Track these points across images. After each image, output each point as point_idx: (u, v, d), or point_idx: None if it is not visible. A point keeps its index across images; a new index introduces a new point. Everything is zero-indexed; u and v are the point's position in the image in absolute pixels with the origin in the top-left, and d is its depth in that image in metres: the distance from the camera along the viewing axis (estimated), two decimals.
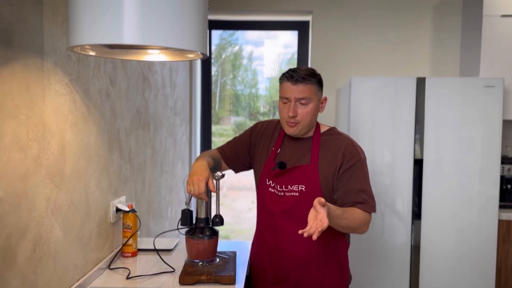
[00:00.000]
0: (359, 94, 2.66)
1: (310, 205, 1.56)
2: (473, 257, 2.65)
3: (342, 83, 3.24)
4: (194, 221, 1.69)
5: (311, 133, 1.70)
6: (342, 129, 2.98)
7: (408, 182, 2.65)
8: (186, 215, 1.67)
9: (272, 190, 1.70)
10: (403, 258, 2.68)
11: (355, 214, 1.56)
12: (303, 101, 1.60)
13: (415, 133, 2.64)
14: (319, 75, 1.65)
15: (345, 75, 3.26)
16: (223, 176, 1.67)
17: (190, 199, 1.68)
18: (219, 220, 1.67)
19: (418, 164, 2.66)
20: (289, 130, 1.66)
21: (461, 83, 2.64)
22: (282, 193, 1.67)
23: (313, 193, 1.61)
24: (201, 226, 1.66)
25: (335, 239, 1.67)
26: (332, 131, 1.71)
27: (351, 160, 1.61)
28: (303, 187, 1.63)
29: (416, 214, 2.69)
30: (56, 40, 1.35)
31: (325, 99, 1.69)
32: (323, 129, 1.71)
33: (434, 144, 2.64)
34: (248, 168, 1.86)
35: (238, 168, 1.86)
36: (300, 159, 1.67)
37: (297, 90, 1.60)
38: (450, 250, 2.66)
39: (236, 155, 1.83)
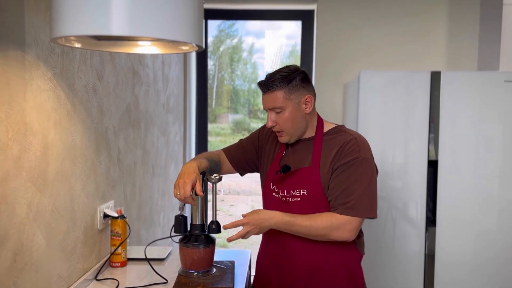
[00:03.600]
0: (369, 89, 2.65)
1: (313, 210, 1.58)
2: (492, 266, 2.65)
3: (350, 77, 3.24)
4: (188, 228, 1.68)
5: (312, 133, 1.70)
6: (349, 127, 2.96)
7: (421, 185, 2.65)
8: (179, 222, 1.67)
9: (276, 196, 1.72)
10: (416, 267, 2.68)
11: (317, 220, 1.56)
12: (277, 110, 1.62)
13: (429, 132, 2.64)
14: (293, 74, 1.61)
15: (353, 69, 3.26)
16: (220, 179, 1.66)
17: (184, 204, 1.68)
18: (216, 227, 1.66)
19: (432, 165, 2.65)
20: (280, 139, 1.70)
21: (479, 78, 2.64)
22: (285, 199, 1.69)
23: (316, 197, 1.62)
24: (196, 234, 1.66)
25: (343, 248, 1.67)
26: (337, 129, 1.70)
27: (347, 156, 1.59)
28: (304, 191, 1.64)
29: (430, 220, 2.69)
30: (39, 31, 1.35)
31: (309, 97, 1.64)
32: (327, 128, 1.71)
33: (450, 144, 2.64)
34: (254, 171, 1.89)
35: (245, 170, 1.89)
36: (301, 162, 1.68)
37: (267, 99, 1.63)
38: (467, 259, 2.66)
39: (244, 156, 1.86)
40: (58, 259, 1.50)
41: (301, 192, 1.65)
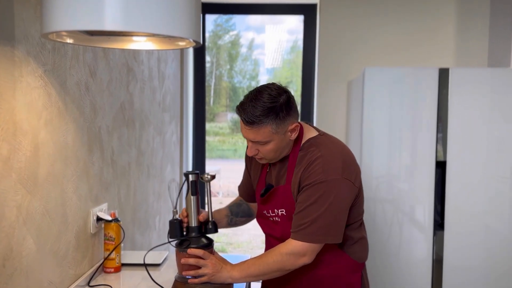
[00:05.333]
0: (374, 87, 2.65)
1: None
2: (504, 273, 2.65)
3: (355, 74, 3.24)
4: (184, 232, 1.69)
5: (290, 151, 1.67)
6: (353, 127, 2.98)
7: (429, 187, 2.65)
8: (174, 226, 1.67)
9: (266, 214, 1.75)
10: (424, 273, 2.68)
11: (267, 256, 1.58)
12: (260, 143, 1.57)
13: (437, 132, 2.64)
14: (278, 103, 1.50)
15: (358, 66, 3.26)
16: (213, 177, 1.68)
17: (176, 204, 1.72)
18: (213, 226, 1.68)
19: (440, 167, 2.65)
20: (258, 161, 1.67)
21: (490, 75, 2.64)
22: (271, 218, 1.72)
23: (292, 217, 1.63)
24: (194, 236, 1.66)
25: (336, 258, 1.68)
26: (310, 142, 1.63)
27: (309, 178, 1.56)
28: (283, 211, 1.66)
29: (438, 223, 2.69)
30: (29, 26, 1.35)
31: (296, 126, 1.58)
32: (305, 139, 1.65)
33: (459, 144, 2.64)
34: None
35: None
36: (280, 179, 1.69)
37: (250, 133, 1.55)
38: (477, 265, 2.66)
39: (250, 187, 1.90)
40: (49, 265, 1.50)
41: (280, 213, 1.67)
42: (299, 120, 1.63)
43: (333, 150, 1.60)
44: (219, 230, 1.75)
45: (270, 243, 1.78)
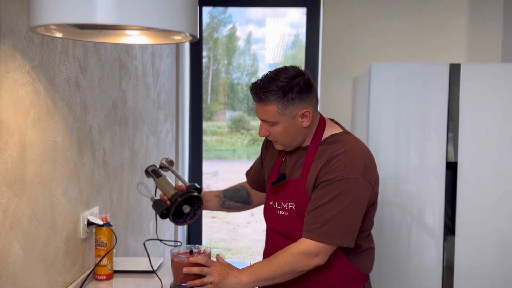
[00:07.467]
0: (380, 83, 2.65)
1: (302, 227, 1.60)
2: None
3: (360, 70, 3.24)
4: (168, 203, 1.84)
5: (309, 142, 1.69)
6: (359, 125, 2.98)
7: (439, 190, 2.65)
8: (157, 202, 1.86)
9: (273, 206, 1.75)
10: (434, 280, 2.68)
11: (277, 257, 1.58)
12: (269, 122, 1.61)
13: (448, 131, 2.64)
14: (291, 84, 1.54)
15: (364, 61, 3.26)
16: (171, 162, 1.90)
17: (155, 194, 1.91)
18: (195, 188, 1.85)
19: (451, 168, 2.66)
20: (275, 146, 1.72)
21: (504, 70, 2.64)
22: (278, 211, 1.72)
23: (303, 213, 1.63)
24: (181, 197, 1.79)
25: (340, 264, 1.68)
26: (333, 138, 1.65)
27: (329, 173, 1.56)
28: (293, 205, 1.66)
29: (449, 228, 2.69)
30: (15, 18, 1.35)
31: (307, 112, 1.59)
32: (327, 134, 1.67)
33: (471, 144, 2.64)
34: None
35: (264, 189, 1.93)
36: (295, 172, 1.69)
37: (258, 110, 1.61)
38: (489, 272, 2.66)
39: (260, 174, 1.91)
40: (37, 271, 1.50)
41: (289, 206, 1.67)
42: (319, 113, 1.68)
43: (356, 150, 1.62)
44: (217, 228, 1.84)
45: (272, 239, 1.77)
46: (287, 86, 1.54)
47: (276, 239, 1.74)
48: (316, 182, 1.59)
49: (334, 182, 1.54)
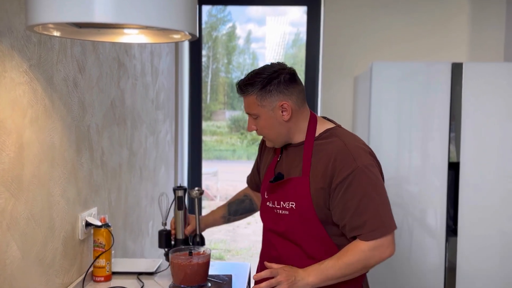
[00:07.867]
0: (382, 82, 2.65)
1: (303, 225, 1.61)
2: None
3: (361, 69, 3.24)
4: (173, 242, 1.90)
5: (303, 138, 1.70)
6: (360, 125, 2.98)
7: (441, 190, 2.65)
8: (162, 237, 1.90)
9: (270, 206, 1.74)
10: (436, 282, 2.68)
11: (346, 256, 1.57)
12: (252, 116, 1.67)
13: (450, 131, 2.64)
14: (271, 77, 1.60)
15: (365, 60, 3.26)
16: (201, 193, 1.89)
17: (166, 217, 1.92)
18: (200, 240, 1.87)
19: (453, 168, 2.65)
20: (266, 144, 1.78)
21: (506, 69, 2.64)
22: (276, 210, 1.72)
23: (304, 212, 1.63)
24: (181, 248, 1.81)
25: None
26: (329, 132, 1.68)
27: (343, 170, 1.57)
28: (293, 204, 1.66)
29: (451, 229, 2.69)
30: (13, 17, 1.35)
31: (286, 104, 1.62)
32: (320, 130, 1.69)
33: (474, 145, 2.64)
34: None
35: None
36: (293, 170, 1.69)
37: (244, 102, 1.68)
38: (492, 273, 2.66)
39: (257, 174, 1.95)
40: (35, 273, 1.50)
41: (290, 205, 1.67)
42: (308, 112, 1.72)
43: (355, 140, 1.67)
44: (216, 228, 1.92)
45: (269, 240, 1.77)
46: (267, 78, 1.60)
47: (274, 239, 1.74)
48: (330, 186, 1.59)
49: (355, 175, 1.56)
